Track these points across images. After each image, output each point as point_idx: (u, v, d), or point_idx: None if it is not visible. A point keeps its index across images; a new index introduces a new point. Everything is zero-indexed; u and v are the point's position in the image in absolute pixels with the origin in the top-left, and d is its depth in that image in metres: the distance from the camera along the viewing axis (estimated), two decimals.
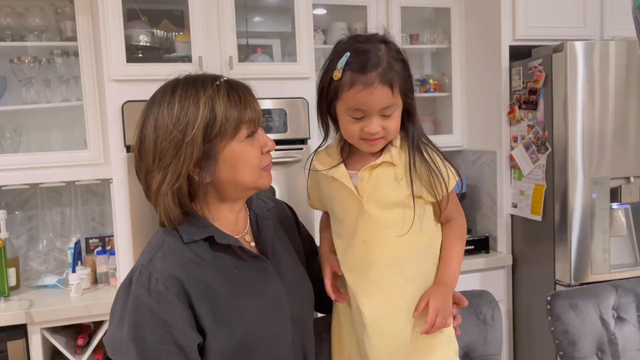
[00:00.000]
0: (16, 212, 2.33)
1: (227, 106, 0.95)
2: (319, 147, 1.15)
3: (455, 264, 1.11)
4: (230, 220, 1.04)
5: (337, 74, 1.00)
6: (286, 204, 1.25)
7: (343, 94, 1.01)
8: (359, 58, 1.00)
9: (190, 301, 0.92)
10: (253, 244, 1.08)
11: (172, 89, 0.97)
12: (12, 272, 2.08)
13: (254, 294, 1.00)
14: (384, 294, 1.05)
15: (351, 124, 1.03)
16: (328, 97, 1.04)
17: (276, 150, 2.11)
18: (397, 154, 1.07)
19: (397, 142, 1.09)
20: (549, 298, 1.36)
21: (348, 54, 1.01)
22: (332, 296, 1.08)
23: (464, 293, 1.16)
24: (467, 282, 2.32)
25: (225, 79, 1.00)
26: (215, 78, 0.99)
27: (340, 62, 1.00)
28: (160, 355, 0.89)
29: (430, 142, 1.10)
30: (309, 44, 2.17)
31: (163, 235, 0.98)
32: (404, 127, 1.08)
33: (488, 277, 2.40)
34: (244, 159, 0.98)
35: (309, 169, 1.15)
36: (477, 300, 1.36)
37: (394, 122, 1.04)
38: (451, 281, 1.09)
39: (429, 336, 1.04)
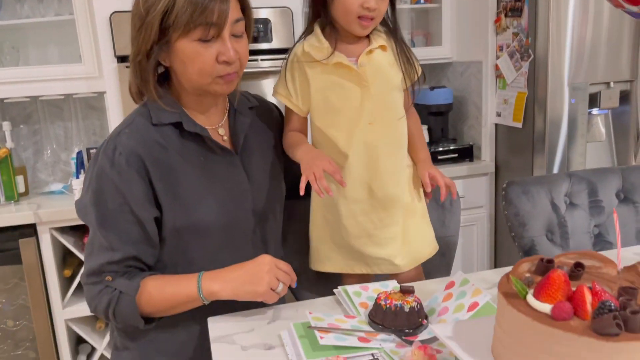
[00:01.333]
0: (21, 126, 2.46)
1: (189, 2, 0.93)
2: (297, 42, 1.19)
3: (426, 144, 1.30)
4: (201, 111, 1.09)
5: None
6: (275, 106, 1.30)
7: None
8: None
9: (149, 177, 1.01)
10: (226, 137, 1.14)
11: None
12: (20, 179, 2.23)
13: (217, 184, 1.08)
14: (388, 171, 1.18)
15: (351, 1, 1.07)
16: None
17: (262, 60, 2.19)
18: (387, 40, 1.17)
19: (381, 30, 1.18)
20: (504, 186, 1.46)
21: None
22: (330, 193, 1.06)
23: None
24: None
25: None
26: None
27: None
28: (119, 223, 0.99)
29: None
30: None
31: (135, 115, 1.06)
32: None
33: (471, 183, 2.50)
34: (191, 59, 0.98)
35: (295, 64, 1.16)
36: (437, 189, 1.46)
37: (385, 3, 1.12)
38: (429, 157, 1.27)
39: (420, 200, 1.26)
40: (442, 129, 2.64)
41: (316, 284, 1.30)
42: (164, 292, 1.00)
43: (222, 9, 0.95)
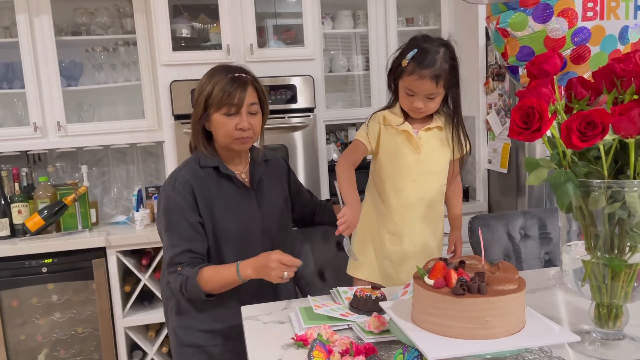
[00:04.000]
0: (93, 169, 3.02)
1: (221, 90, 1.48)
2: (385, 108, 1.61)
3: (461, 213, 1.72)
4: (231, 161, 1.60)
5: (404, 62, 1.46)
6: (283, 159, 1.79)
7: (404, 76, 1.48)
8: (421, 56, 1.44)
9: (195, 198, 1.51)
10: (247, 180, 1.63)
11: (214, 68, 1.54)
12: (93, 212, 2.76)
13: (235, 208, 1.56)
14: (418, 220, 1.58)
15: (405, 98, 1.52)
16: (395, 73, 1.51)
17: (288, 117, 2.69)
18: (444, 122, 1.60)
19: (442, 114, 1.61)
20: (470, 220, 1.88)
21: (416, 50, 1.45)
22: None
23: None
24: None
25: (238, 75, 1.50)
26: (235, 70, 1.51)
27: (408, 54, 1.46)
28: (178, 227, 1.48)
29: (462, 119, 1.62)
30: (314, 30, 2.68)
31: (189, 160, 1.59)
32: (447, 104, 1.57)
33: (467, 221, 2.89)
34: (219, 126, 1.51)
35: (377, 122, 1.57)
36: None
37: (435, 104, 1.52)
38: (461, 223, 1.71)
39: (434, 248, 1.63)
40: None
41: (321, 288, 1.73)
42: (216, 277, 1.44)
43: (241, 95, 1.49)
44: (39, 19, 2.60)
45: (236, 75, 1.50)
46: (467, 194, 2.96)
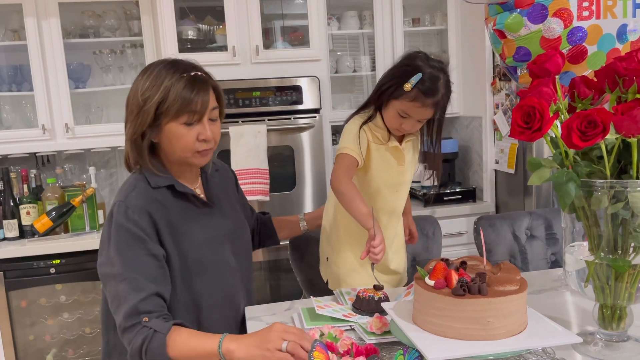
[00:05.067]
0: (101, 170, 3.04)
1: (178, 95, 1.18)
2: (367, 119, 1.52)
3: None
4: (182, 176, 1.33)
5: (408, 87, 1.38)
6: (230, 168, 1.57)
7: (404, 100, 1.40)
8: (427, 83, 1.38)
9: (157, 228, 1.22)
10: (202, 195, 1.37)
11: (155, 66, 1.24)
12: (100, 213, 2.78)
13: (202, 231, 1.30)
14: (395, 221, 1.63)
15: (395, 118, 1.46)
16: (394, 92, 1.42)
17: (294, 118, 2.69)
18: (417, 133, 1.61)
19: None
20: (475, 220, 1.87)
21: (420, 74, 1.37)
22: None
23: (415, 217, 1.78)
24: (457, 225, 2.82)
25: (195, 74, 1.22)
26: (189, 69, 1.22)
27: (413, 79, 1.37)
28: (140, 264, 1.17)
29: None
30: (320, 31, 2.68)
31: (135, 181, 1.26)
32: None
33: (472, 221, 2.87)
34: (177, 137, 1.21)
35: (365, 136, 1.49)
36: (422, 222, 1.88)
37: (419, 126, 1.50)
38: (411, 211, 1.75)
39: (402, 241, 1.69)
40: (449, 174, 3.05)
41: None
42: (188, 342, 1.11)
43: (204, 100, 1.22)
44: (47, 22, 2.62)
45: (192, 74, 1.22)
46: (474, 195, 2.94)
